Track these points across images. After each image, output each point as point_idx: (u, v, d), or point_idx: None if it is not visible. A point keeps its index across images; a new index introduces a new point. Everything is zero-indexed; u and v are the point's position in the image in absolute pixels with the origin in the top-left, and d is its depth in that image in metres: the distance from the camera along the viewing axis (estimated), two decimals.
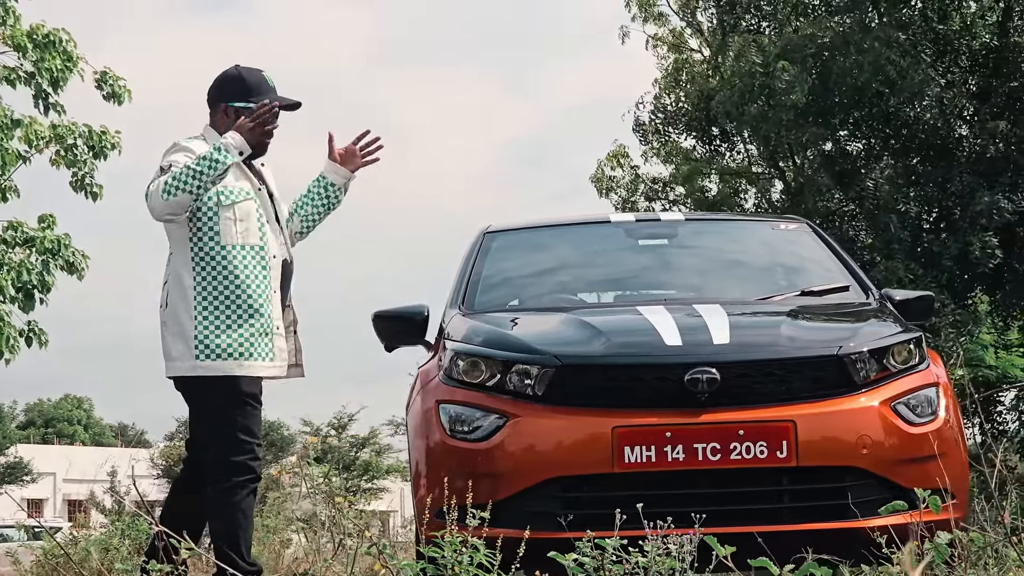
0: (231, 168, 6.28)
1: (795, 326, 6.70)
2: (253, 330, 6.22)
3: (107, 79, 15.88)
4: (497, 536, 5.41)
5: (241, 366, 6.18)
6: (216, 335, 6.18)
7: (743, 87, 18.72)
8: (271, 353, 6.28)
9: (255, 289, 6.24)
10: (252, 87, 6.46)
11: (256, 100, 6.39)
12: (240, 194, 6.29)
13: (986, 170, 17.82)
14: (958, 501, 6.22)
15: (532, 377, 6.27)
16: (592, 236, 8.49)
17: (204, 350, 6.18)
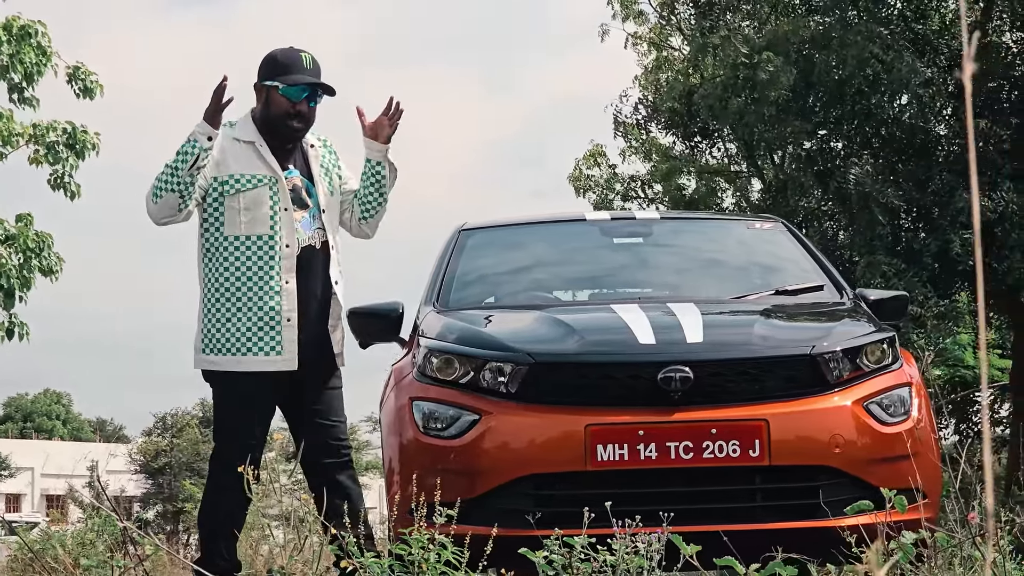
0: (246, 153, 6.26)
1: (769, 325, 6.70)
2: (251, 323, 6.17)
3: (79, 74, 15.86)
4: (466, 533, 5.40)
5: (239, 362, 6.17)
6: (217, 328, 6.20)
7: (726, 80, 18.72)
8: (277, 347, 6.21)
9: (256, 280, 6.18)
10: (280, 66, 6.37)
11: (285, 80, 6.31)
12: (249, 182, 6.23)
13: (965, 169, 17.84)
14: (930, 501, 6.23)
15: (505, 375, 6.27)
16: (567, 234, 8.49)
17: (208, 344, 6.23)
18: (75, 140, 15.83)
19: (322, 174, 6.48)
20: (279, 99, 6.33)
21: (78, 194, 16.09)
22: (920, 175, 18.00)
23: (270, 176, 6.28)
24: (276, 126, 6.37)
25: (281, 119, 6.35)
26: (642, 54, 23.48)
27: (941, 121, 18.92)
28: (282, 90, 6.32)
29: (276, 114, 6.35)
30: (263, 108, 6.37)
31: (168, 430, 48.34)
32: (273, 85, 6.32)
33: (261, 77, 6.40)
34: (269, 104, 6.36)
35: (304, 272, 6.35)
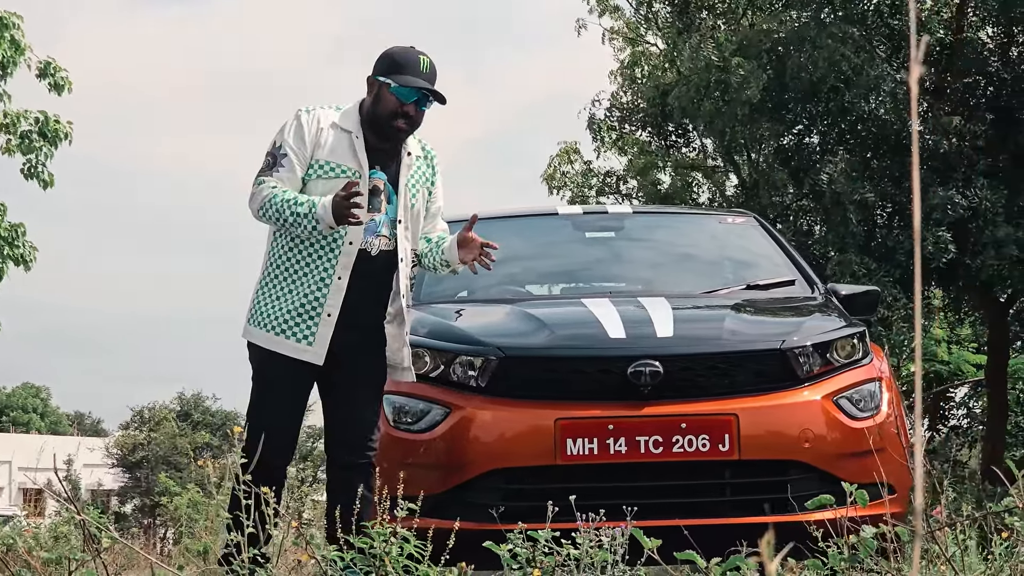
0: (341, 141, 6.19)
1: (739, 320, 6.72)
2: (293, 307, 6.08)
3: (50, 69, 15.87)
4: (429, 527, 5.40)
5: (271, 340, 6.07)
6: (265, 303, 6.12)
7: (699, 82, 18.74)
8: (311, 336, 6.08)
9: (312, 269, 6.09)
10: (396, 64, 6.25)
11: (398, 79, 6.20)
12: (333, 170, 6.14)
13: (940, 166, 17.88)
14: (898, 495, 6.25)
15: (476, 368, 6.28)
16: (539, 228, 8.49)
17: (253, 316, 6.16)
18: (47, 129, 15.82)
19: (409, 185, 6.40)
20: (389, 97, 6.21)
21: (51, 183, 16.09)
22: (894, 172, 18.04)
23: (355, 170, 6.18)
24: (381, 123, 6.28)
25: (387, 117, 6.24)
26: (618, 49, 23.51)
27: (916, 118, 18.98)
28: (393, 88, 6.20)
29: (383, 111, 6.23)
30: (372, 103, 6.26)
31: (145, 424, 48.27)
32: (385, 82, 6.21)
33: (376, 72, 6.29)
34: (379, 100, 6.23)
35: (360, 273, 6.18)
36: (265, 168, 6.17)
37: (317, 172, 6.15)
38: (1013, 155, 18.54)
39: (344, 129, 6.24)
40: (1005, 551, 5.23)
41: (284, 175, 6.13)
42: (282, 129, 6.23)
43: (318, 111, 6.25)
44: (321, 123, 6.20)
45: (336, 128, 6.24)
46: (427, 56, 6.34)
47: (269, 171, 6.15)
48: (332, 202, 5.91)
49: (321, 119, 6.21)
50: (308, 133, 6.17)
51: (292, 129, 6.19)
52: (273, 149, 6.19)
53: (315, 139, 6.18)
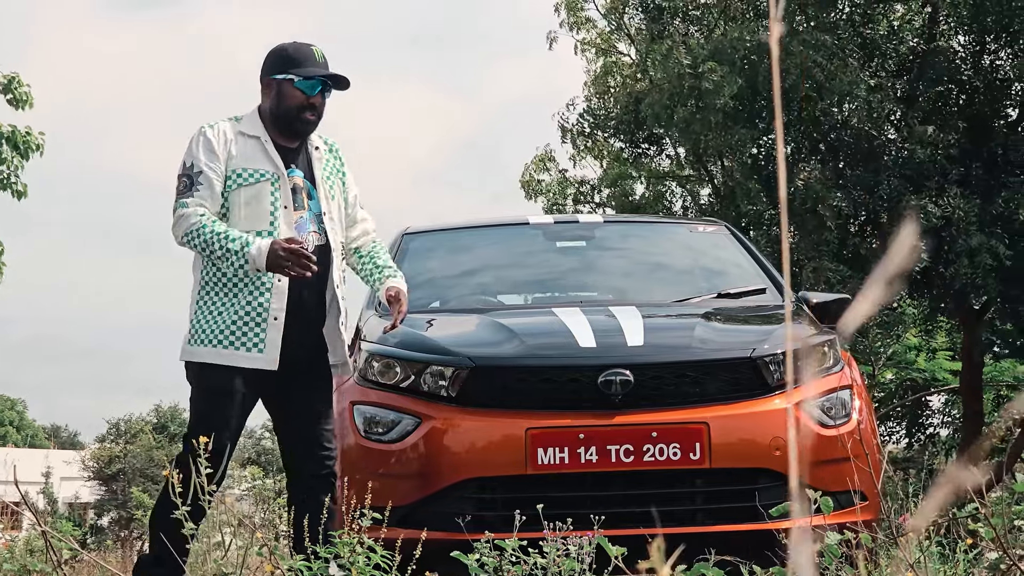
0: (251, 147, 6.15)
1: (709, 328, 6.72)
2: (237, 317, 6.02)
3: (13, 84, 15.86)
4: (397, 537, 5.39)
5: (219, 355, 6.01)
6: (205, 320, 6.04)
7: (671, 89, 18.76)
8: (260, 344, 6.04)
9: (249, 275, 6.02)
10: (293, 59, 6.24)
11: (301, 73, 6.22)
12: (251, 176, 6.10)
13: (913, 174, 17.92)
14: (870, 503, 6.26)
15: (446, 378, 6.27)
16: (510, 238, 8.49)
17: (194, 335, 6.07)
18: (19, 141, 15.80)
19: (324, 177, 6.40)
20: (294, 92, 6.21)
21: (24, 194, 16.06)
22: (868, 180, 18.07)
23: (273, 172, 6.16)
24: (289, 120, 6.26)
25: (295, 112, 6.22)
26: (590, 61, 23.52)
27: (890, 126, 19.00)
28: (297, 83, 6.22)
29: (290, 107, 6.22)
30: (276, 102, 6.24)
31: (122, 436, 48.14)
32: (287, 78, 6.22)
33: (271, 71, 6.28)
34: (283, 97, 6.22)
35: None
36: (183, 191, 6.08)
37: (236, 181, 6.10)
38: (986, 164, 18.59)
39: (251, 135, 6.21)
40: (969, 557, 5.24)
41: (204, 194, 6.05)
42: (189, 149, 6.16)
43: (219, 124, 6.22)
44: (227, 134, 6.17)
45: (243, 136, 6.20)
46: (317, 47, 6.36)
47: (188, 192, 6.06)
48: (269, 248, 5.87)
49: (226, 131, 6.18)
50: (218, 145, 6.12)
51: (201, 145, 6.13)
52: (186, 170, 6.11)
53: (226, 150, 6.13)
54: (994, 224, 17.75)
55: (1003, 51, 19.07)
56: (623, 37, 22.98)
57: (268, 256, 5.86)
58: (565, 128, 23.16)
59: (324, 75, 6.25)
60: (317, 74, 6.24)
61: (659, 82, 19.38)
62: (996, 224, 17.77)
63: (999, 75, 19.09)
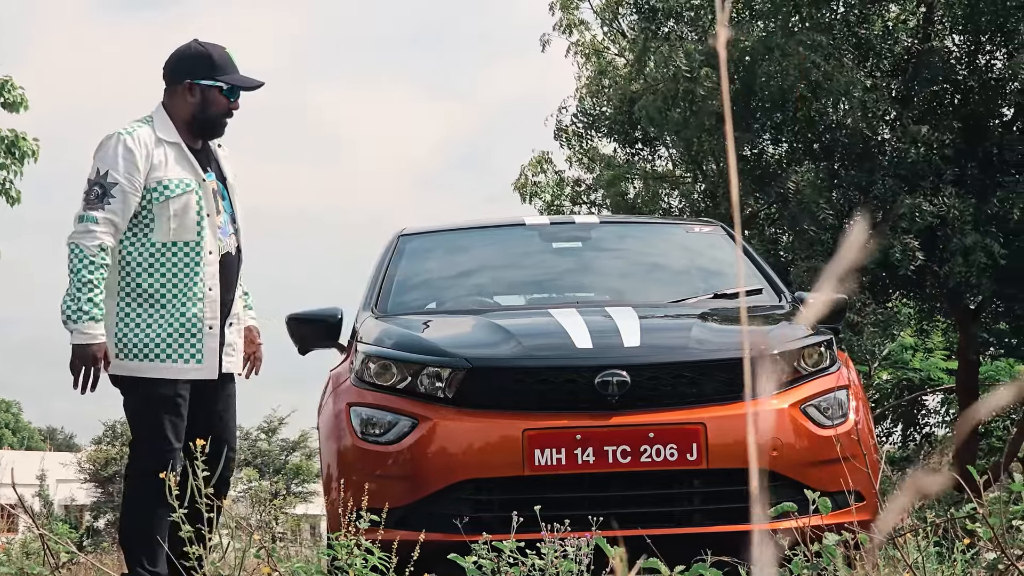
0: (173, 156, 6.11)
1: (706, 329, 6.72)
2: (173, 329, 6.03)
3: (6, 88, 15.85)
4: (394, 539, 5.39)
5: (157, 367, 6.03)
6: (135, 333, 6.02)
7: (666, 92, 18.74)
8: (198, 355, 6.09)
9: (182, 287, 6.04)
10: (219, 66, 6.20)
11: (224, 80, 6.17)
12: (178, 187, 6.06)
13: (908, 174, 17.90)
14: (867, 503, 6.26)
15: (443, 380, 6.27)
16: (506, 239, 8.49)
17: (123, 348, 6.03)
18: (15, 147, 15.79)
19: (233, 178, 6.41)
20: (220, 99, 6.20)
21: (18, 200, 16.07)
22: (862, 181, 18.07)
23: (196, 180, 6.14)
24: (213, 125, 6.24)
25: (219, 117, 6.23)
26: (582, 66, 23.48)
27: (884, 126, 19.00)
28: (226, 91, 6.20)
29: (216, 113, 6.20)
30: (198, 108, 6.19)
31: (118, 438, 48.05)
32: (216, 84, 6.18)
33: (194, 75, 6.19)
34: (208, 104, 6.19)
35: (222, 279, 6.23)
36: (94, 200, 5.98)
37: (164, 193, 6.04)
38: (981, 163, 18.59)
39: (170, 142, 6.15)
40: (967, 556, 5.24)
41: (116, 207, 5.98)
42: (105, 156, 6.05)
43: (138, 131, 6.11)
44: (147, 142, 6.08)
45: (163, 143, 6.14)
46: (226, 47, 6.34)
47: (100, 204, 5.97)
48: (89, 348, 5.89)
49: (144, 138, 6.08)
50: (140, 157, 6.03)
51: (120, 155, 6.02)
52: (99, 177, 6.01)
53: (148, 161, 6.05)
54: (989, 223, 17.74)
55: (998, 51, 19.06)
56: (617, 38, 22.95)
57: (85, 348, 5.88)
58: (559, 130, 23.14)
59: (254, 83, 6.26)
60: (249, 84, 6.25)
61: (653, 83, 19.37)
62: (991, 223, 17.77)
63: (994, 75, 19.08)
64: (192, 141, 6.24)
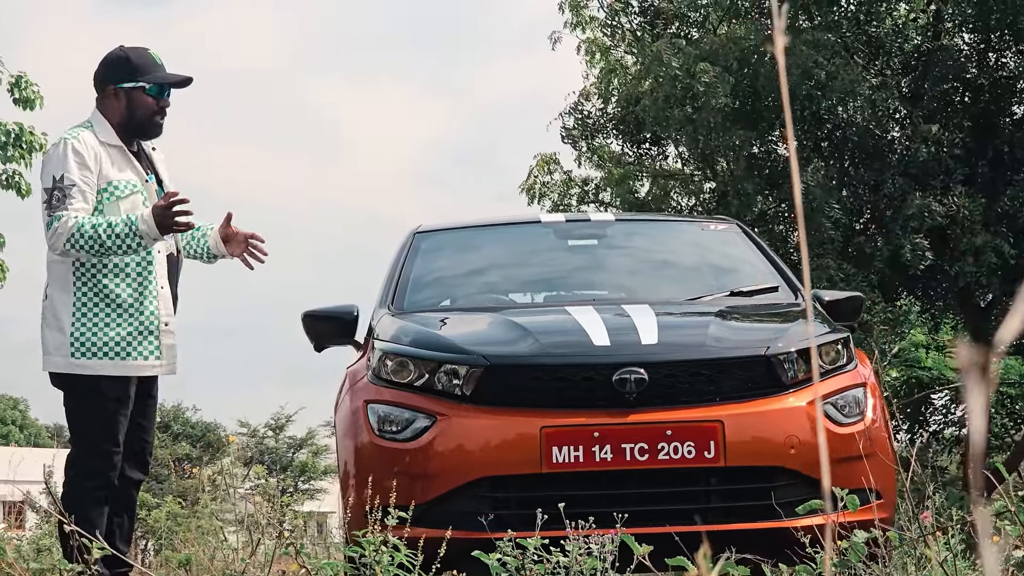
0: (118, 158, 6.18)
1: (723, 326, 6.71)
2: (132, 328, 6.10)
3: (20, 83, 15.87)
4: (420, 536, 5.40)
5: (117, 366, 6.08)
6: (93, 332, 6.05)
7: (669, 91, 18.74)
8: (156, 351, 6.17)
9: (136, 286, 6.11)
10: (140, 66, 6.29)
11: (145, 79, 6.27)
12: (127, 188, 6.15)
13: (918, 173, 17.90)
14: (885, 501, 6.25)
15: (460, 377, 6.26)
16: (522, 236, 8.49)
17: (80, 348, 6.06)
18: (23, 140, 15.83)
19: (167, 181, 6.48)
20: (145, 99, 6.28)
21: (29, 192, 16.12)
22: (872, 179, 18.06)
23: (140, 181, 6.25)
24: (145, 126, 6.32)
25: (150, 118, 6.31)
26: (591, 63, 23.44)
27: (894, 124, 18.99)
28: (149, 90, 6.28)
29: (145, 114, 6.29)
30: (127, 111, 6.28)
31: None
32: (138, 86, 6.26)
33: (116, 80, 6.30)
34: (134, 106, 6.28)
35: (169, 277, 6.34)
36: (56, 204, 6.03)
37: (113, 194, 6.12)
38: (991, 162, 18.58)
39: (112, 145, 6.23)
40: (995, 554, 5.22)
41: (79, 206, 6.03)
42: (56, 162, 6.10)
43: (82, 134, 6.19)
44: (93, 145, 6.16)
45: (106, 146, 6.21)
46: (152, 49, 6.43)
47: (62, 205, 6.01)
48: (154, 214, 5.92)
49: (89, 141, 6.16)
50: (89, 159, 6.10)
51: (70, 158, 6.09)
52: (56, 183, 6.06)
53: (97, 162, 6.12)
54: (999, 222, 17.75)
55: (1008, 49, 19.06)
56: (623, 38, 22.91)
57: (157, 222, 5.92)
58: (566, 129, 23.11)
59: (178, 79, 6.34)
60: (172, 79, 6.33)
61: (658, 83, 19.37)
62: (1001, 222, 17.78)
63: (1004, 73, 19.08)
64: (129, 144, 6.31)
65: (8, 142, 15.93)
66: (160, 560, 11.33)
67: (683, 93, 18.54)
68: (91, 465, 6.09)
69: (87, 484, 6.10)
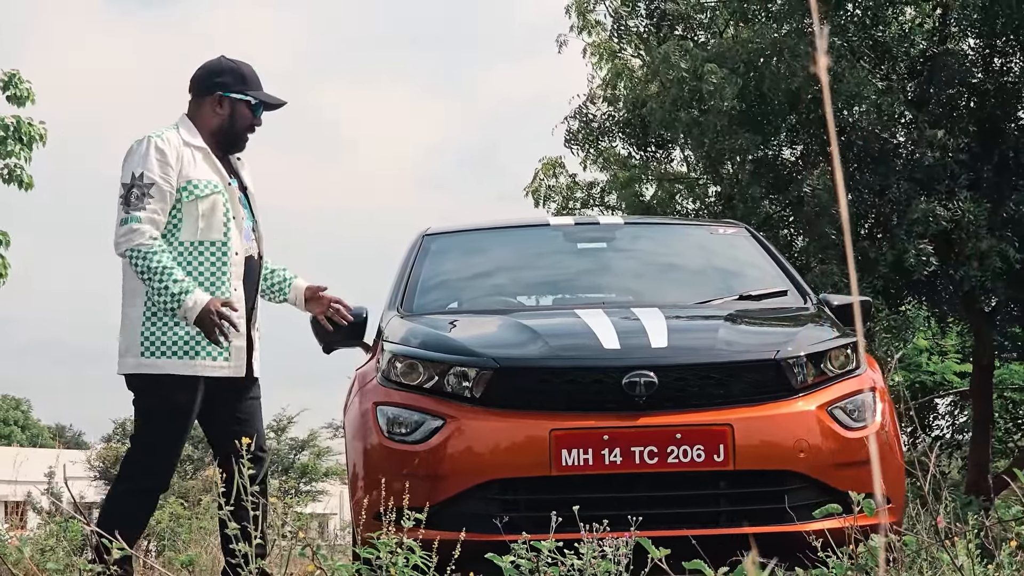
0: (201, 159, 6.22)
1: (733, 330, 6.71)
2: None
3: (13, 81, 15.91)
4: (434, 538, 5.40)
5: (185, 364, 6.08)
6: (163, 331, 6.07)
7: (675, 94, 18.73)
8: (225, 351, 6.16)
9: (209, 286, 6.12)
10: (250, 81, 6.39)
11: (252, 94, 6.34)
12: (207, 188, 6.17)
13: (923, 177, 17.88)
14: (894, 505, 6.26)
15: (470, 379, 6.27)
16: (531, 239, 8.49)
17: (149, 347, 6.08)
18: (21, 132, 15.85)
19: (251, 188, 6.53)
20: (246, 113, 6.36)
21: (31, 185, 16.13)
22: (877, 184, 18.04)
23: (222, 183, 6.27)
24: (236, 138, 6.40)
25: (243, 132, 6.40)
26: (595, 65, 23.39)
27: (900, 129, 18.97)
28: (254, 104, 6.35)
29: (242, 126, 6.37)
30: (228, 119, 6.35)
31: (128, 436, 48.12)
32: (244, 99, 6.34)
33: (223, 88, 6.35)
34: (235, 116, 6.35)
35: (245, 281, 6.36)
36: (134, 202, 6.06)
37: (193, 192, 6.15)
38: (997, 167, 18.55)
39: (196, 146, 6.27)
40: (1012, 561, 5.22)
41: (156, 207, 6.07)
42: (137, 159, 6.14)
43: (166, 133, 6.24)
44: (176, 144, 6.20)
45: (190, 147, 6.26)
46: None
47: (140, 205, 6.05)
48: (204, 307, 5.93)
49: (173, 140, 6.21)
50: (171, 157, 6.14)
51: (152, 156, 6.13)
52: (135, 180, 6.09)
53: (179, 161, 6.16)
54: (1004, 227, 17.72)
55: (1014, 54, 19.03)
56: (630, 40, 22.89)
57: (201, 313, 5.93)
58: (570, 132, 23.07)
59: (279, 101, 6.44)
60: (276, 101, 6.43)
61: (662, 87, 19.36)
62: (1006, 227, 17.75)
63: (1010, 78, 19.05)
64: (219, 151, 6.39)
65: (7, 136, 15.96)
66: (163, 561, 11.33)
67: (690, 96, 18.53)
68: (147, 463, 6.11)
69: (141, 483, 6.12)
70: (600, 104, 22.86)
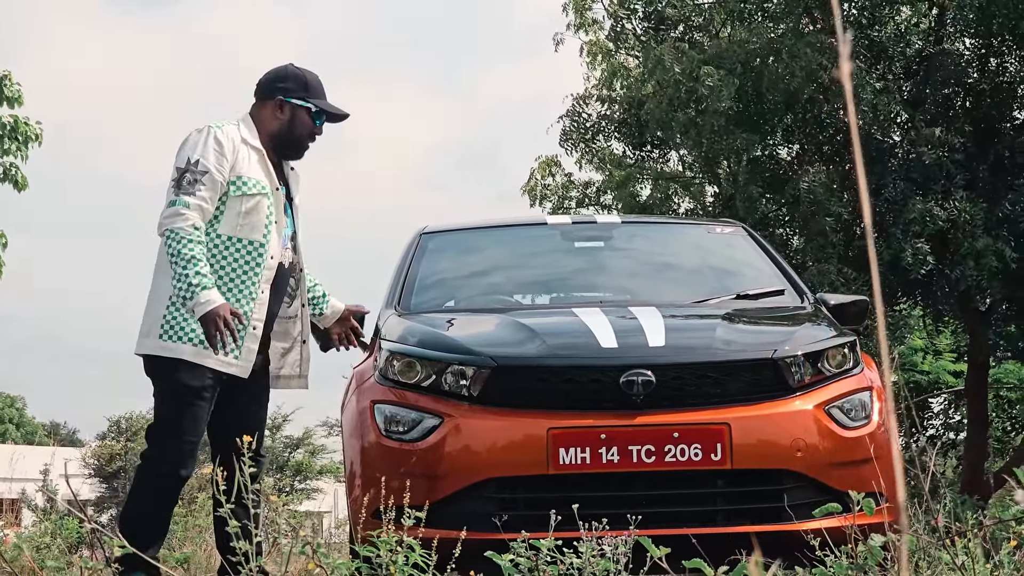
0: (255, 158, 6.28)
1: (730, 329, 6.71)
2: None
3: (4, 83, 15.91)
4: (433, 536, 5.40)
5: (196, 353, 6.10)
6: (184, 317, 6.09)
7: (672, 94, 18.74)
8: (236, 350, 6.17)
9: (238, 283, 6.16)
10: (313, 89, 6.45)
11: (314, 102, 6.39)
12: (255, 187, 6.22)
13: (919, 177, 17.89)
14: (892, 504, 6.26)
15: (468, 378, 6.27)
16: (528, 238, 8.50)
17: (168, 331, 6.11)
18: (17, 132, 15.86)
19: (298, 200, 6.57)
20: (307, 120, 6.43)
21: (25, 185, 16.12)
22: (873, 183, 18.04)
23: (270, 187, 6.32)
24: (297, 144, 6.47)
25: (303, 139, 6.46)
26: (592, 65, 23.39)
27: (896, 129, 18.98)
28: (315, 112, 6.41)
29: (302, 133, 6.44)
30: (287, 124, 6.41)
31: (123, 434, 48.02)
32: (306, 106, 6.40)
33: (287, 94, 6.42)
34: (296, 123, 6.42)
35: (274, 286, 6.39)
36: (185, 186, 6.10)
37: (240, 188, 6.19)
38: (992, 166, 18.57)
39: (254, 146, 6.32)
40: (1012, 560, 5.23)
41: (206, 194, 6.11)
42: (194, 145, 6.20)
43: (227, 127, 6.29)
44: (235, 139, 6.26)
45: (247, 145, 6.31)
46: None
47: (191, 190, 6.09)
48: (213, 309, 5.94)
49: (233, 135, 6.26)
50: (227, 149, 6.19)
51: (209, 145, 6.18)
52: (190, 165, 6.14)
53: (234, 155, 6.21)
54: (1000, 227, 17.75)
55: (1010, 54, 19.06)
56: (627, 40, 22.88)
57: (209, 312, 5.94)
58: (565, 132, 23.06)
59: (341, 113, 6.50)
60: (339, 112, 6.48)
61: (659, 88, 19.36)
62: (1002, 227, 17.77)
63: (1006, 78, 19.08)
64: (272, 154, 6.43)
65: (3, 135, 15.96)
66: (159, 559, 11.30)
67: (687, 96, 18.53)
68: (162, 458, 6.14)
69: (160, 469, 6.14)
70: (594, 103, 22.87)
